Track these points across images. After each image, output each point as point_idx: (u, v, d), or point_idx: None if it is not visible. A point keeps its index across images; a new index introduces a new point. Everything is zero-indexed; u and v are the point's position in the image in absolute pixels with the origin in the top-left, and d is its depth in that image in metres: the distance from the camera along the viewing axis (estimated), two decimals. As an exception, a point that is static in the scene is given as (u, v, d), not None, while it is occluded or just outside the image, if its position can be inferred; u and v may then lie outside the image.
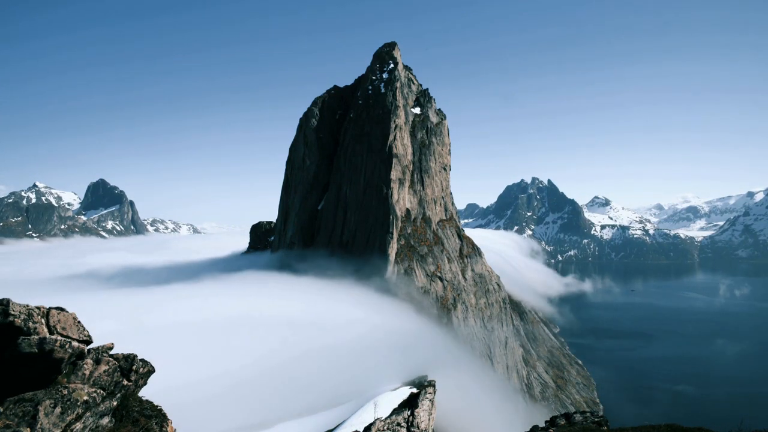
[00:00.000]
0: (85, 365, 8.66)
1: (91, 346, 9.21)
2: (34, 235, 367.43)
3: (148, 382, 10.54)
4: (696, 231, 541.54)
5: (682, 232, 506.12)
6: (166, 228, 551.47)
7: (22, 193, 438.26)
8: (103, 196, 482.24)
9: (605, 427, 20.09)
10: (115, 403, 9.11)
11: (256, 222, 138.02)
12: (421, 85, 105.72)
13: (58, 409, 7.59)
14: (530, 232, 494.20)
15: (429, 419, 18.02)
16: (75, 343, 8.48)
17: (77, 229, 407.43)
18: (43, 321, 8.15)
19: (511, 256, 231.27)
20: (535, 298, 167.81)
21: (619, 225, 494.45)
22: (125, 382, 9.50)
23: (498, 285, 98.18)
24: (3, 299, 7.89)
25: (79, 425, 7.95)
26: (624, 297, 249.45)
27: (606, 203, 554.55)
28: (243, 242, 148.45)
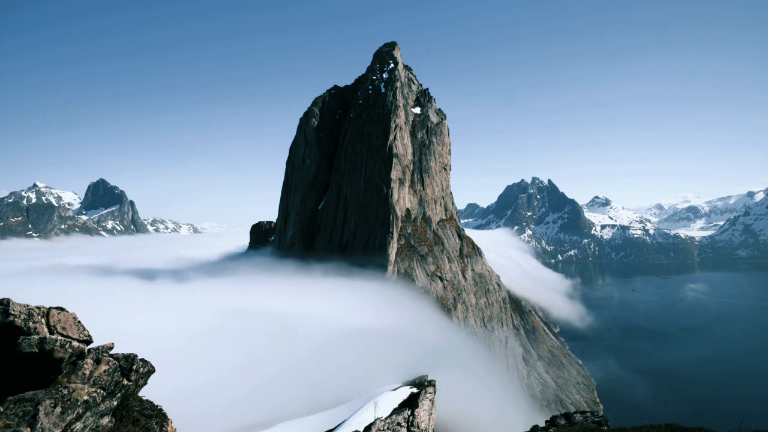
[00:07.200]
0: (85, 365, 8.66)
1: (91, 345, 9.20)
2: (34, 234, 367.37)
3: (148, 381, 10.55)
4: (696, 231, 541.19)
5: (682, 232, 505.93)
6: (166, 228, 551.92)
7: (23, 193, 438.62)
8: (103, 196, 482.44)
9: (605, 427, 20.08)
10: (115, 403, 9.11)
11: (256, 222, 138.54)
12: (421, 84, 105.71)
13: (58, 409, 7.60)
14: (530, 232, 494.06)
15: (429, 419, 18.01)
16: (75, 343, 8.47)
17: (77, 229, 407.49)
18: (43, 321, 8.14)
19: (510, 256, 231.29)
20: (536, 298, 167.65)
21: (619, 225, 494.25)
22: (125, 382, 9.50)
23: (498, 285, 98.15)
24: (3, 299, 7.88)
25: (79, 425, 7.95)
26: (624, 296, 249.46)
27: (606, 203, 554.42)
28: (243, 242, 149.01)
